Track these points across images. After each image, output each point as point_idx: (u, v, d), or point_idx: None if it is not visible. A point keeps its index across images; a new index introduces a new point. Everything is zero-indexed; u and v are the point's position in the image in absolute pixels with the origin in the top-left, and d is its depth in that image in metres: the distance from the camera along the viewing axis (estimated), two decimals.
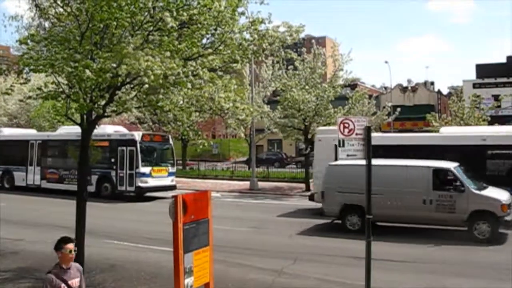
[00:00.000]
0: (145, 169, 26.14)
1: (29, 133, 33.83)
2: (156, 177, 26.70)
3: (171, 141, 29.05)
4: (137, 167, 25.94)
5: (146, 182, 26.14)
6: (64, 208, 18.23)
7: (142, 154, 26.11)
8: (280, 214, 21.33)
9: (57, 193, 27.10)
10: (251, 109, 10.47)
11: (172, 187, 27.57)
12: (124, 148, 26.48)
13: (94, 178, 26.53)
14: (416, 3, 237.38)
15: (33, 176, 30.17)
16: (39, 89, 9.17)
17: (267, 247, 14.78)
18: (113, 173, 26.81)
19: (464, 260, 13.10)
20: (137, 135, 26.65)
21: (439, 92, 70.32)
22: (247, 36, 9.76)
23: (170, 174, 28.19)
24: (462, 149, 19.18)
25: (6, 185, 31.05)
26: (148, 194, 27.07)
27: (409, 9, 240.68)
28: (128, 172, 26.28)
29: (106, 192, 26.87)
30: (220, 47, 9.49)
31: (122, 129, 30.08)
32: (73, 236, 10.12)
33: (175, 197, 7.18)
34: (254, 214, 21.82)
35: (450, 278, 11.45)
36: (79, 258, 9.91)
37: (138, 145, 25.96)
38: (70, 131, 27.04)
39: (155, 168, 26.90)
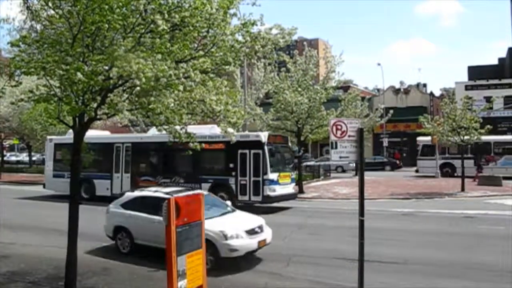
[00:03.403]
0: (273, 175, 22.73)
1: (113, 135, 30.45)
2: (282, 184, 23.35)
3: (289, 143, 26.94)
4: (265, 173, 22.46)
5: (274, 190, 22.72)
6: None
7: (270, 158, 22.78)
8: (280, 214, 21.31)
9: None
10: (242, 112, 10.47)
11: (294, 196, 24.72)
12: (247, 151, 22.86)
13: (205, 187, 23.05)
14: (403, 7, 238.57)
15: (121, 184, 26.49)
16: (31, 91, 9.11)
17: (261, 249, 14.75)
18: (231, 181, 23.24)
19: (456, 261, 13.13)
20: (263, 136, 23.16)
21: (431, 94, 70.61)
22: (239, 38, 9.76)
23: (293, 180, 25.16)
24: None
25: (85, 195, 26.96)
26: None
27: (396, 13, 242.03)
28: (252, 179, 22.77)
29: None
30: (212, 49, 9.49)
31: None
32: (65, 239, 10.12)
33: (167, 200, 7.18)
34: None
35: (441, 279, 11.49)
36: (72, 261, 9.88)
37: (266, 148, 22.67)
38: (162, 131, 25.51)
39: (282, 174, 23.48)
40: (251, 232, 12.84)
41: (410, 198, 27.06)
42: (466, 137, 28.95)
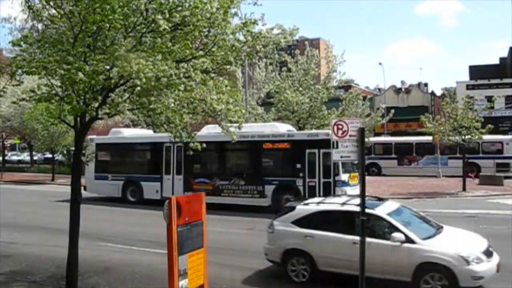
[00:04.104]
0: (345, 176, 21.36)
1: (162, 134, 28.87)
2: (352, 186, 21.72)
3: None
4: (336, 173, 20.97)
5: (345, 192, 21.09)
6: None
7: None
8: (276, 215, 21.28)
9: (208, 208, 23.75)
10: (243, 111, 10.47)
11: None
12: (316, 150, 21.26)
13: (269, 189, 22.03)
14: (404, 7, 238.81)
15: (172, 187, 24.61)
16: (32, 91, 9.12)
17: (261, 249, 14.75)
18: (299, 182, 21.62)
19: None
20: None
21: (432, 93, 70.57)
22: (241, 37, 9.76)
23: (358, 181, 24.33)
24: None
25: (131, 198, 25.71)
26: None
27: (396, 12, 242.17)
28: (322, 180, 21.21)
29: None
30: (213, 49, 9.49)
31: (291, 128, 25.62)
32: (67, 238, 10.13)
33: (169, 199, 7.18)
34: (247, 215, 21.78)
35: None
36: (73, 260, 9.89)
37: None
38: (217, 130, 23.67)
39: (351, 174, 22.09)
40: (487, 253, 10.53)
41: (411, 198, 27.01)
42: (467, 137, 28.92)
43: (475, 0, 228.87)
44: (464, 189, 29.00)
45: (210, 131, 24.06)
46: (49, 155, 47.81)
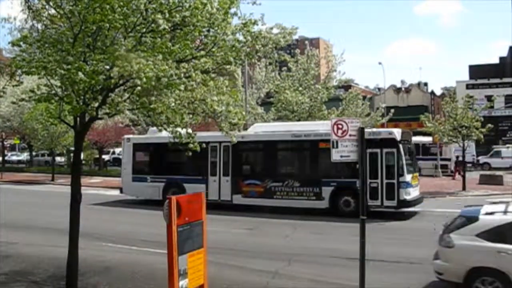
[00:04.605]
0: (408, 177, 20.34)
1: (207, 133, 25.79)
2: (414, 187, 21.06)
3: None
4: (401, 174, 19.92)
5: (409, 193, 20.36)
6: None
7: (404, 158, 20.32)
8: (276, 215, 21.30)
9: (256, 211, 21.73)
10: (244, 113, 10.48)
11: (421, 200, 21.87)
12: (378, 150, 20.18)
13: (326, 191, 21.03)
14: (403, 6, 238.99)
15: (219, 189, 23.37)
16: (32, 91, 9.12)
17: (262, 249, 14.77)
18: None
19: None
20: (397, 133, 20.57)
21: (432, 93, 70.62)
22: (240, 37, 9.76)
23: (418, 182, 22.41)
24: None
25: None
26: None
27: (396, 12, 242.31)
28: (385, 181, 20.14)
29: (348, 208, 20.63)
30: (213, 49, 9.49)
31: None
32: (67, 238, 10.13)
33: (169, 199, 7.18)
34: (249, 215, 21.77)
35: None
36: (73, 260, 9.89)
37: (401, 146, 20.23)
38: (266, 129, 23.56)
39: (414, 175, 21.25)
40: None
41: None
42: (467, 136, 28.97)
43: (475, 0, 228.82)
44: (464, 188, 29.01)
45: (259, 130, 23.80)
46: (48, 158, 47.81)
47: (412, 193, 20.50)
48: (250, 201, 22.41)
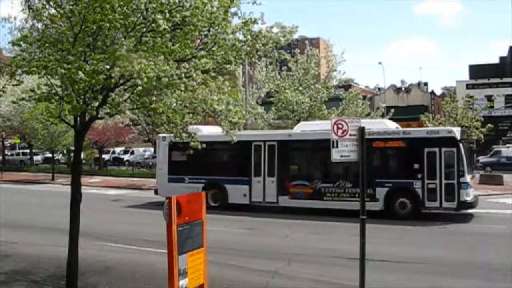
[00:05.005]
0: (468, 177, 19.56)
1: (251, 132, 26.15)
2: (471, 188, 20.22)
3: None
4: (461, 174, 19.10)
5: (469, 194, 19.47)
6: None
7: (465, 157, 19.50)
8: (275, 215, 21.31)
9: (305, 213, 21.03)
10: (244, 112, 10.47)
11: (477, 202, 20.56)
12: (436, 149, 19.36)
13: (381, 192, 20.06)
14: (403, 6, 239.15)
15: (263, 190, 22.28)
16: (32, 90, 9.12)
17: (262, 248, 14.77)
18: (417, 184, 19.64)
19: (457, 260, 13.13)
20: (457, 132, 19.72)
21: (432, 92, 70.69)
22: (241, 36, 9.76)
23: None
24: None
25: (212, 203, 22.83)
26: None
27: (396, 12, 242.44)
28: (444, 182, 19.25)
29: (404, 210, 19.86)
30: (213, 48, 9.48)
31: (397, 125, 23.47)
32: (67, 238, 10.13)
33: (169, 198, 7.18)
34: (249, 215, 21.77)
35: (443, 278, 11.50)
36: (73, 260, 9.89)
37: (461, 145, 19.35)
38: (315, 127, 22.41)
39: (472, 175, 20.55)
40: None
41: None
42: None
43: (475, 0, 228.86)
44: None
45: (307, 128, 22.83)
46: (49, 155, 47.94)
47: (471, 194, 19.74)
48: (297, 203, 21.43)
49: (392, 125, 22.39)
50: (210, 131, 24.32)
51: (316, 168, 22.42)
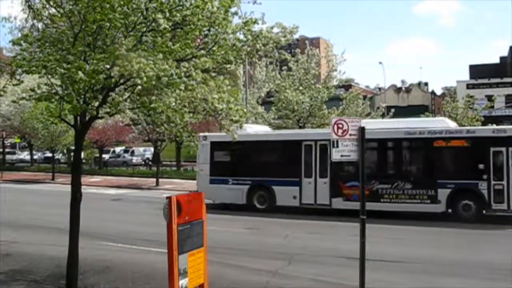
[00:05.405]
0: None
1: (300, 131, 25.24)
2: None
3: None
4: None
5: None
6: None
7: None
8: (275, 215, 21.31)
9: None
10: (245, 110, 10.46)
11: None
12: (503, 149, 18.65)
13: (443, 193, 19.32)
14: (404, 6, 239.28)
15: (315, 192, 21.34)
16: (32, 90, 9.13)
17: (262, 248, 14.78)
18: (482, 185, 18.78)
19: (456, 260, 13.14)
20: None
21: (433, 92, 70.75)
22: (241, 36, 9.76)
23: None
24: None
25: (258, 205, 22.26)
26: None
27: (397, 12, 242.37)
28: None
29: (467, 212, 19.06)
30: (214, 48, 9.49)
31: (452, 122, 22.81)
32: (67, 237, 10.14)
33: (169, 198, 7.18)
34: (249, 215, 21.77)
35: (443, 278, 11.50)
36: (73, 260, 9.89)
37: None
38: (369, 126, 22.14)
39: None
40: None
41: None
42: None
43: (474, 0, 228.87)
44: None
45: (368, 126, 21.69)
46: (49, 154, 48.00)
47: None
48: (352, 205, 19.72)
49: (451, 124, 21.73)
50: (256, 130, 24.01)
51: (372, 169, 20.91)
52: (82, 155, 14.66)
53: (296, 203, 21.53)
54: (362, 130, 9.16)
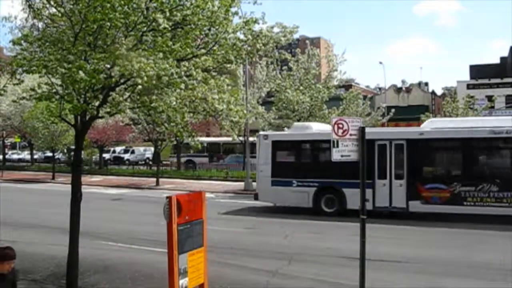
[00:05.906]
0: None
1: (372, 129, 22.73)
2: None
3: None
4: None
5: None
6: None
7: None
8: (275, 215, 21.30)
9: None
10: (245, 111, 10.47)
11: None
12: None
13: None
14: (404, 6, 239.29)
15: (390, 194, 19.85)
16: (33, 90, 9.14)
17: (262, 248, 14.77)
18: None
19: (456, 260, 13.13)
20: None
21: (433, 92, 70.68)
22: (241, 36, 9.76)
23: None
24: None
25: (326, 209, 20.90)
26: None
27: (397, 12, 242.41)
28: None
29: None
30: (214, 48, 9.49)
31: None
32: (67, 237, 10.15)
33: (169, 198, 7.18)
34: (249, 214, 21.76)
35: (442, 278, 11.49)
36: (73, 259, 9.90)
37: None
38: (450, 125, 20.56)
39: None
40: None
41: None
42: None
43: (474, 0, 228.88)
44: None
45: (439, 125, 20.50)
46: (49, 154, 48.03)
47: None
48: (432, 208, 19.00)
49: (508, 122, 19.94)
50: (321, 129, 22.68)
51: (454, 170, 19.97)
52: (82, 154, 14.65)
53: (370, 207, 18.26)
54: (362, 130, 9.16)
